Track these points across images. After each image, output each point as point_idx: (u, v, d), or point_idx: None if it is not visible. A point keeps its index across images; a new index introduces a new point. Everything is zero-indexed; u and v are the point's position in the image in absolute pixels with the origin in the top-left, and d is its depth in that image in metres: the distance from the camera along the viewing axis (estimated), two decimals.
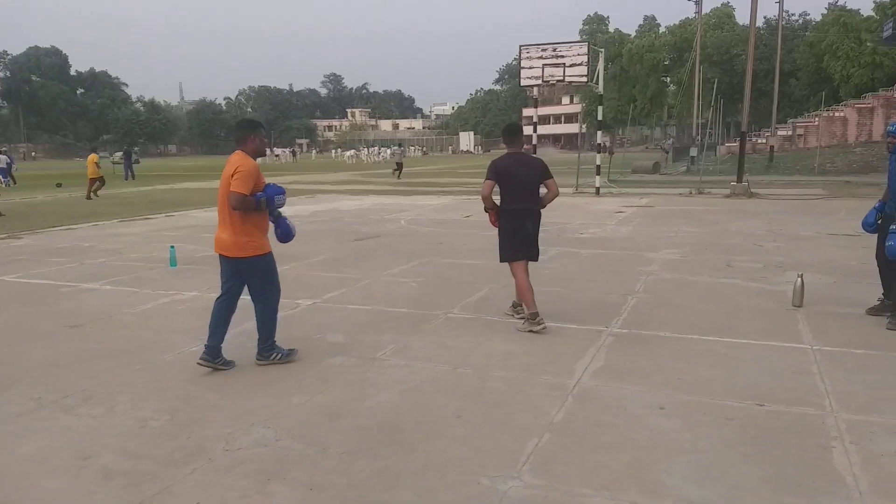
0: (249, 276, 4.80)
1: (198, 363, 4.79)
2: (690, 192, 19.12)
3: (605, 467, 3.29)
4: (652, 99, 73.24)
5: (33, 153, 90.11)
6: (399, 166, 31.51)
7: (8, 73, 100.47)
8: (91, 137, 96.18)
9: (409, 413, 4.01)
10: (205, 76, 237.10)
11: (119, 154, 44.83)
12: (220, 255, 4.80)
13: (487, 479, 3.19)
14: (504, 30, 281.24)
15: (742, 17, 69.36)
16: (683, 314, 6.13)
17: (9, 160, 30.47)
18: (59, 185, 28.20)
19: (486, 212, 5.95)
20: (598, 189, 19.92)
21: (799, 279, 6.33)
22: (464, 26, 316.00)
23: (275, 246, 4.89)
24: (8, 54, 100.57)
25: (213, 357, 4.79)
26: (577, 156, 24.42)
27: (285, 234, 4.94)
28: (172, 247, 9.21)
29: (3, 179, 28.53)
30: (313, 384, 4.51)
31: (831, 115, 42.77)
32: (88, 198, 20.82)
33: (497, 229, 5.95)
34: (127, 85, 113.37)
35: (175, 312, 6.53)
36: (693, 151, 33.17)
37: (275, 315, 4.96)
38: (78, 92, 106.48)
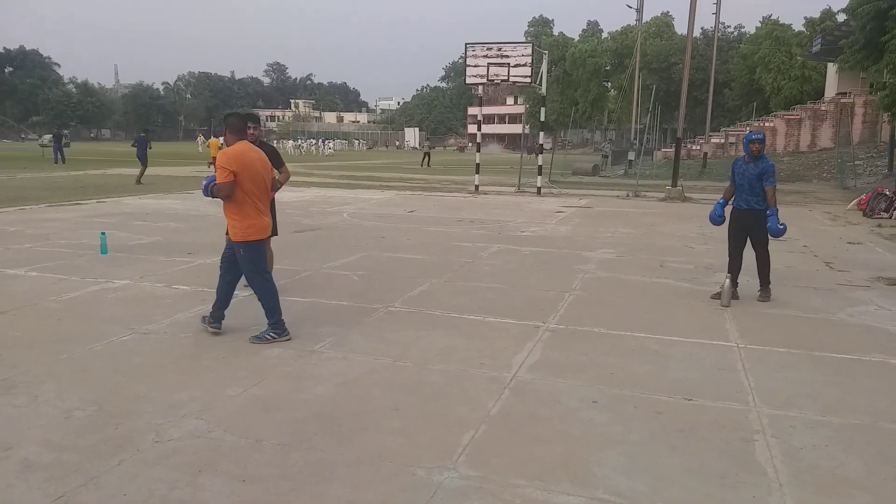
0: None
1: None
2: (627, 195, 19.62)
3: (539, 459, 3.36)
4: (593, 103, 74.85)
5: None
6: (427, 156, 35.84)
7: None
8: (20, 119, 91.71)
9: (346, 405, 3.99)
10: (142, 59, 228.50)
11: (48, 137, 43.02)
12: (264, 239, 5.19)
13: (423, 471, 3.21)
14: (451, 27, 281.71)
15: (681, 27, 71.60)
16: (617, 312, 6.30)
17: None
18: None
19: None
20: (539, 189, 20.21)
21: (727, 280, 6.59)
22: (412, 21, 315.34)
23: (204, 238, 4.78)
24: None
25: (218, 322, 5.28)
26: (519, 156, 24.71)
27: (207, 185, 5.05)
28: (103, 233, 8.87)
29: None
30: (249, 376, 4.44)
31: (762, 124, 44.62)
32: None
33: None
34: (59, 65, 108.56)
35: (104, 301, 6.30)
36: (631, 155, 34.06)
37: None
38: (6, 70, 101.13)
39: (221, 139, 6.92)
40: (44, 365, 4.58)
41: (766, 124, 44.78)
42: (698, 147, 44.14)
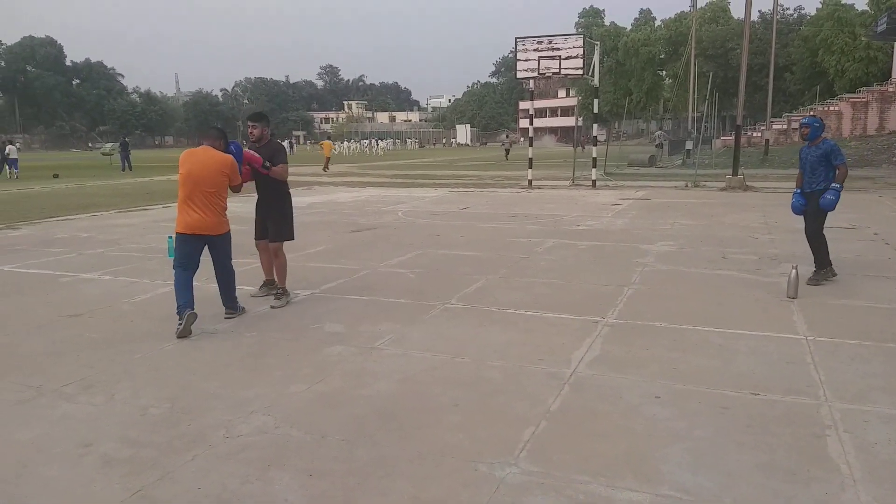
0: (223, 247, 5.84)
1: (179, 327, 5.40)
2: (686, 185, 19.18)
3: (602, 455, 3.33)
4: (648, 92, 73.30)
5: (32, 145, 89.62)
6: (507, 151, 39.50)
7: (2, 64, 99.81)
8: (88, 129, 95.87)
9: (407, 402, 4.04)
10: (201, 67, 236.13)
11: (108, 145, 45.11)
12: (196, 235, 5.61)
13: (484, 466, 3.23)
14: (500, 22, 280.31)
15: (737, 11, 69.26)
16: (679, 305, 6.18)
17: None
18: (55, 176, 28.13)
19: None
20: (594, 182, 19.96)
21: (794, 271, 6.37)
22: (462, 19, 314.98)
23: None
24: (2, 44, 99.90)
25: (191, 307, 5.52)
26: (572, 148, 24.44)
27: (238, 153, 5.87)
28: (170, 237, 9.17)
29: (14, 170, 28.50)
30: (312, 373, 4.54)
31: (826, 109, 42.85)
32: (327, 170, 30.22)
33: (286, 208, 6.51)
34: (123, 76, 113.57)
35: (174, 303, 6.53)
36: (689, 145, 33.22)
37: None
38: (74, 83, 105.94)
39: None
40: (119, 364, 4.79)
41: (831, 108, 42.98)
42: (759, 134, 42.64)
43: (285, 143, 69.53)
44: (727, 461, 3.25)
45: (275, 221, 6.42)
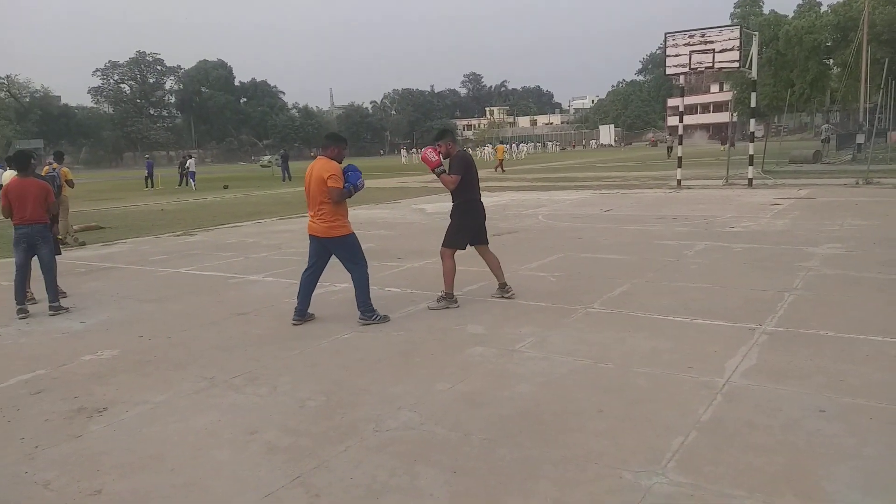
0: (338, 251, 6.06)
1: (293, 323, 6.08)
2: (857, 183, 17.47)
3: (759, 469, 3.13)
4: (812, 83, 67.34)
5: (206, 159, 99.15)
6: (669, 150, 41.01)
7: (181, 86, 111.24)
8: (253, 143, 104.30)
9: (549, 405, 4.03)
10: (353, 81, 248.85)
11: (266, 158, 49.13)
12: (311, 236, 6.10)
13: (630, 474, 3.15)
14: (648, 20, 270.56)
15: None
16: (848, 312, 5.65)
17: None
18: (225, 187, 30.87)
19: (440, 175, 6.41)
20: (750, 180, 18.72)
21: None
22: (606, 16, 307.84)
23: (412, 244, 5.08)
24: (181, 68, 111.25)
25: (302, 316, 6.15)
26: (720, 146, 23.05)
27: (355, 183, 6.03)
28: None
29: (193, 182, 31.79)
30: (455, 373, 4.66)
31: None
32: (502, 170, 33.12)
33: (455, 219, 6.55)
34: (284, 93, 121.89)
35: (329, 302, 6.96)
36: (860, 138, 30.16)
37: (366, 281, 6.07)
38: (241, 101, 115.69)
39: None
40: (280, 359, 5.18)
41: None
42: None
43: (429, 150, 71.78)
44: None
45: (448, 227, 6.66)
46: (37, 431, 4.02)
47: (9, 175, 7.44)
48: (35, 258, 7.10)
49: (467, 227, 6.55)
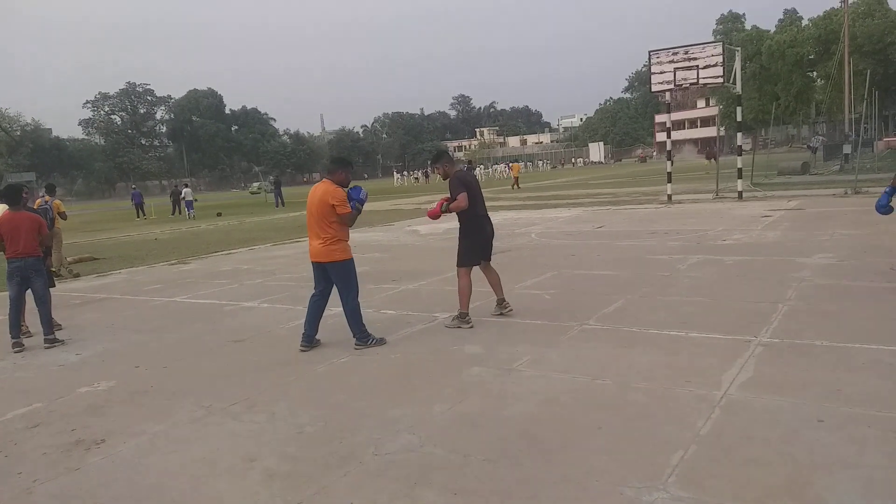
0: (335, 275, 6.04)
1: (301, 349, 6.04)
2: (845, 193, 17.63)
3: (759, 482, 3.14)
4: (797, 96, 68.16)
5: (199, 187, 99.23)
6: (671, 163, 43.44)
7: (172, 116, 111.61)
8: (245, 169, 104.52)
9: (548, 423, 4.03)
10: (343, 106, 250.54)
11: (256, 184, 49.21)
12: (314, 262, 6.09)
13: (631, 490, 3.15)
14: (631, 38, 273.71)
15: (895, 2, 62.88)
16: (842, 322, 5.69)
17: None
18: (219, 215, 30.87)
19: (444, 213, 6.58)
20: (740, 193, 18.88)
21: None
22: (591, 36, 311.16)
23: (406, 266, 5.11)
24: (171, 98, 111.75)
25: (310, 342, 6.11)
26: (706, 160, 23.27)
27: (359, 199, 6.05)
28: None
29: (190, 211, 31.80)
30: (453, 394, 4.65)
31: None
32: (518, 187, 35.26)
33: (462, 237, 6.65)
34: (274, 119, 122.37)
35: (325, 327, 6.92)
36: (846, 149, 30.49)
37: (357, 309, 6.06)
38: (232, 129, 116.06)
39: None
40: (278, 385, 5.17)
41: None
42: None
43: (420, 173, 72.28)
44: None
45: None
46: (35, 465, 3.99)
47: (1, 209, 7.43)
48: (29, 291, 7.09)
49: (476, 242, 6.63)
